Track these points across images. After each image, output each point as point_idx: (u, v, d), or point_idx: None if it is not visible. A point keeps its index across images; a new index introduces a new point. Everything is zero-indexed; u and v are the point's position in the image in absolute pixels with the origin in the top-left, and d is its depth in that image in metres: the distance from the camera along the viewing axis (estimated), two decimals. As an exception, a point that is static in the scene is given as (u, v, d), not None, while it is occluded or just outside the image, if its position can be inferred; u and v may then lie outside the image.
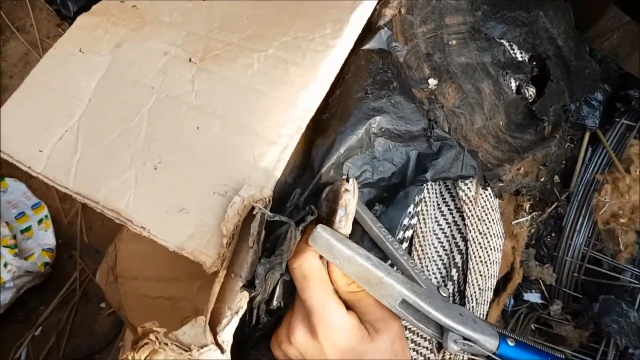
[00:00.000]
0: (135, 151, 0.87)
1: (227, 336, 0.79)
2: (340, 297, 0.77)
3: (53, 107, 0.91)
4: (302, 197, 0.85)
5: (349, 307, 0.77)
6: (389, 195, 0.85)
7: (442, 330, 0.74)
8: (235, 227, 0.81)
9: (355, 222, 0.80)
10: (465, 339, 0.73)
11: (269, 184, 0.82)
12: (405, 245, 0.91)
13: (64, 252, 2.02)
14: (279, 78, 0.87)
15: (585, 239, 1.18)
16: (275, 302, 0.82)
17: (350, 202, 0.74)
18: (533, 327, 1.15)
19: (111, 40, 0.94)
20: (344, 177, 0.76)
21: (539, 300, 1.20)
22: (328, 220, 0.77)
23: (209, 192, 0.83)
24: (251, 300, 0.80)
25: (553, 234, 1.21)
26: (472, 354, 0.76)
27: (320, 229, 0.74)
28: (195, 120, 0.87)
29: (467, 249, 0.93)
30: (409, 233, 0.90)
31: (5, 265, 1.85)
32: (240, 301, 0.80)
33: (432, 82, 0.93)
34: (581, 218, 1.18)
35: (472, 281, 0.92)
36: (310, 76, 0.86)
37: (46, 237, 2.00)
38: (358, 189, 0.75)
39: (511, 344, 0.74)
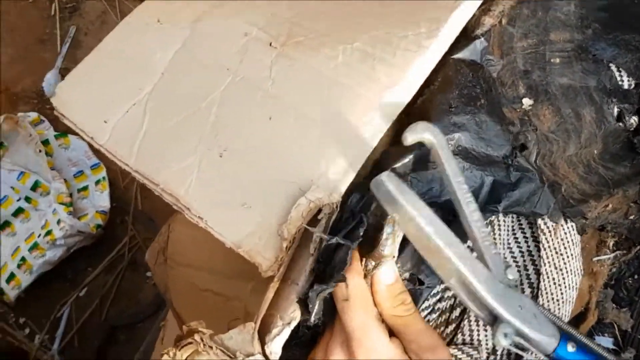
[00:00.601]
0: (202, 135, 0.82)
1: (276, 347, 0.74)
2: (384, 322, 0.71)
3: (123, 78, 0.87)
4: (358, 204, 0.78)
5: (393, 333, 0.71)
6: (454, 219, 0.78)
7: (495, 318, 0.66)
8: (297, 231, 0.76)
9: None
10: (518, 334, 0.65)
11: (339, 188, 0.76)
12: None
13: (117, 216, 2.01)
14: (364, 74, 0.80)
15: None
16: (313, 319, 0.76)
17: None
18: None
19: (191, 14, 0.89)
20: None
21: (611, 346, 1.11)
22: (374, 237, 0.71)
23: (274, 189, 0.77)
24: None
25: (636, 276, 1.12)
26: (520, 351, 0.68)
27: (385, 177, 0.67)
28: (269, 109, 0.81)
29: (538, 282, 0.85)
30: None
31: (59, 222, 1.85)
32: (294, 312, 0.75)
33: (527, 102, 0.85)
34: (668, 262, 1.08)
35: None
36: (399, 76, 0.79)
37: (101, 199, 1.99)
38: None
39: (572, 349, 0.66)
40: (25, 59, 2.12)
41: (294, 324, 0.74)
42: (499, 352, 0.86)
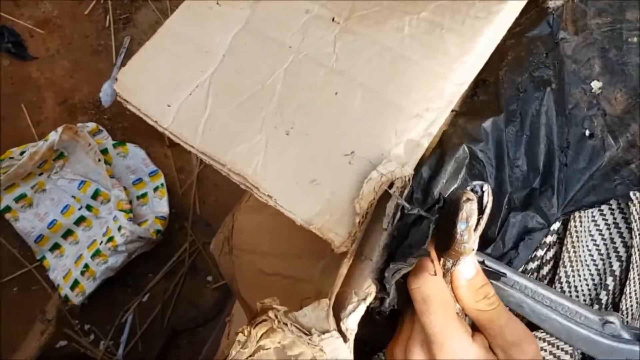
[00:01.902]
0: (267, 114, 0.80)
1: (351, 324, 0.71)
2: (467, 317, 0.69)
3: (185, 61, 0.86)
4: (429, 179, 0.76)
5: (477, 328, 0.68)
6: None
7: None
8: (370, 206, 0.73)
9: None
10: None
11: (412, 160, 0.73)
12: (554, 237, 0.80)
13: (175, 222, 2.02)
14: (432, 45, 0.78)
15: None
16: (387, 305, 0.74)
17: (473, 214, 0.63)
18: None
19: (251, -6, 0.88)
20: (468, 187, 0.66)
21: None
22: (448, 235, 0.67)
23: (343, 164, 0.75)
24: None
25: None
26: None
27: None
28: (334, 86, 0.79)
29: (628, 256, 0.80)
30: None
31: (120, 229, 1.87)
32: (369, 287, 0.72)
33: (596, 84, 0.81)
34: None
35: (629, 293, 0.79)
36: (469, 46, 0.76)
37: (160, 205, 2.01)
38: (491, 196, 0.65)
39: None
40: (82, 70, 2.17)
41: (369, 299, 0.72)
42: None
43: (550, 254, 0.83)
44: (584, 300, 0.81)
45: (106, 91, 2.11)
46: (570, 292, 0.81)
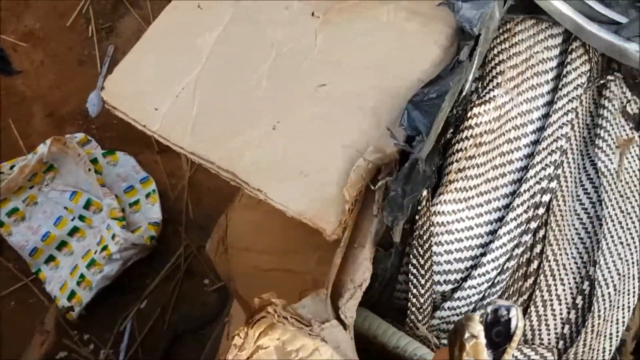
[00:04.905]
0: (254, 111, 0.81)
1: (350, 311, 0.72)
2: None
3: (170, 65, 0.87)
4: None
5: None
6: None
7: None
8: (359, 193, 0.74)
9: None
10: None
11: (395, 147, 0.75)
12: (541, 211, 0.81)
13: (169, 227, 2.02)
14: (411, 32, 0.80)
15: None
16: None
17: (481, 353, 0.53)
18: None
19: (230, -5, 0.89)
20: (490, 306, 0.55)
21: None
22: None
23: (330, 154, 0.76)
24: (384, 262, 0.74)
25: None
26: None
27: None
28: (317, 78, 0.80)
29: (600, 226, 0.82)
30: (546, 197, 0.81)
31: (114, 237, 1.87)
32: (365, 273, 0.74)
33: None
34: None
35: (605, 264, 0.80)
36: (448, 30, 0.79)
37: (153, 211, 2.00)
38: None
39: None
40: (68, 81, 2.16)
41: (365, 285, 0.73)
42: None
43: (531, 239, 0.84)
44: (573, 278, 0.82)
45: (93, 101, 2.11)
46: (558, 270, 0.82)
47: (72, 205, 2.01)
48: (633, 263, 0.81)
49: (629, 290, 0.81)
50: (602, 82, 0.86)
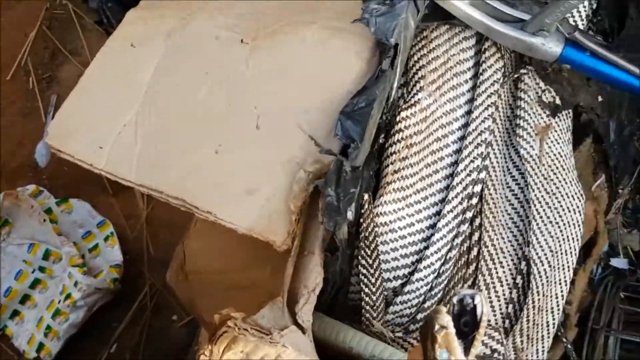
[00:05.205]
0: (195, 137, 0.85)
1: (306, 315, 0.76)
2: None
3: (110, 103, 0.90)
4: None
5: None
6: None
7: None
8: (303, 203, 0.79)
9: None
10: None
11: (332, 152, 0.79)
12: (474, 201, 0.86)
13: (132, 267, 2.02)
14: (336, 46, 0.85)
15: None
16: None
17: (452, 342, 0.54)
18: (623, 296, 1.09)
19: (161, 31, 0.93)
20: (455, 297, 0.57)
21: (627, 267, 1.13)
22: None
23: (272, 171, 0.80)
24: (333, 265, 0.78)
25: (638, 197, 1.15)
26: None
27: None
28: (252, 100, 0.85)
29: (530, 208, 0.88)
30: (477, 188, 0.86)
31: (76, 284, 1.87)
32: (317, 278, 0.78)
33: None
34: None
35: (538, 243, 0.86)
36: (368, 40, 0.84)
37: (113, 254, 2.01)
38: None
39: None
40: (14, 135, 2.16)
41: (318, 289, 0.77)
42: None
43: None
44: (511, 260, 0.87)
45: (40, 151, 2.11)
46: (497, 254, 0.87)
47: (31, 258, 2.00)
48: (564, 239, 0.87)
49: (563, 265, 0.87)
50: (516, 76, 0.93)
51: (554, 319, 0.86)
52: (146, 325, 1.96)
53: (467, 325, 0.56)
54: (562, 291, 0.87)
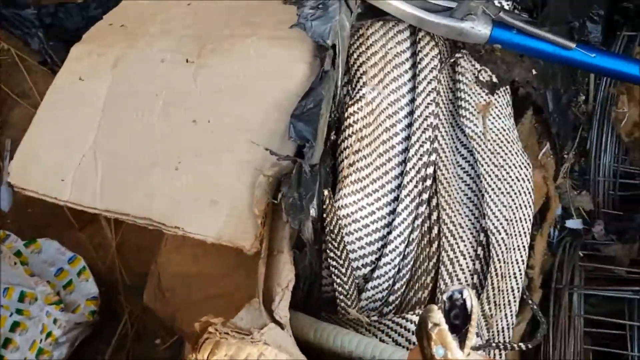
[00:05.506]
0: (154, 157, 0.88)
1: (283, 312, 0.79)
2: None
3: (66, 137, 0.93)
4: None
5: None
6: None
7: None
8: (267, 206, 0.82)
9: None
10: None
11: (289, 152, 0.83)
12: (428, 182, 0.91)
13: (108, 298, 2.03)
14: (278, 54, 0.89)
15: (612, 156, 1.17)
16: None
17: (446, 338, 0.57)
18: (581, 254, 1.14)
19: (108, 62, 0.95)
20: (445, 294, 0.60)
21: (581, 227, 1.19)
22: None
23: (233, 178, 0.83)
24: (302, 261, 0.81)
25: (582, 159, 1.21)
26: None
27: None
28: (204, 115, 0.88)
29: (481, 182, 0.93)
30: (430, 170, 0.91)
31: (55, 321, 1.87)
32: (288, 275, 0.81)
33: None
34: (604, 136, 1.17)
35: (492, 213, 0.90)
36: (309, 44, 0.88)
37: (88, 287, 2.00)
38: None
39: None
40: (-28, 183, 2.15)
41: (291, 285, 0.80)
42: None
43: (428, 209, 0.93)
44: (470, 233, 0.92)
45: (2, 196, 2.10)
46: (456, 229, 0.92)
47: (7, 302, 1.99)
48: (517, 207, 0.92)
49: (519, 232, 0.92)
50: (452, 60, 0.98)
51: (517, 284, 0.91)
52: (130, 352, 1.96)
53: (457, 318, 0.59)
54: (521, 256, 0.92)
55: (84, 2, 1.80)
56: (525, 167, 0.95)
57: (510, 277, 0.90)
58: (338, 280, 0.87)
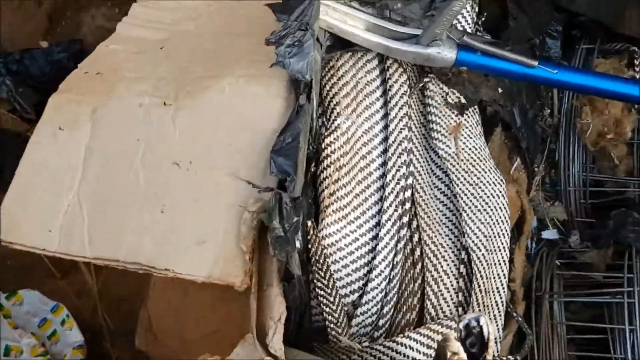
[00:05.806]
0: (139, 202, 0.89)
1: (277, 345, 0.81)
2: None
3: (50, 188, 0.93)
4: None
5: None
6: None
7: None
8: (254, 242, 0.84)
9: None
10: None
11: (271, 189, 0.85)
12: (407, 205, 0.94)
13: (94, 345, 2.01)
14: (254, 93, 0.91)
15: (581, 166, 1.21)
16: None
17: None
18: (558, 263, 1.17)
19: (86, 110, 0.97)
20: (461, 322, 0.63)
21: (557, 237, 1.23)
22: None
23: (218, 217, 0.85)
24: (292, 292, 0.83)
25: (553, 171, 1.25)
26: None
27: None
28: (185, 157, 0.90)
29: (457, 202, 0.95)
30: (408, 193, 0.93)
31: (42, 373, 1.85)
32: (280, 308, 0.83)
33: None
34: (571, 147, 1.21)
35: (471, 231, 0.93)
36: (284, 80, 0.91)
37: (73, 336, 1.99)
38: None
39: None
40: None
41: (283, 318, 0.82)
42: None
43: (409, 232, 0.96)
44: (452, 252, 0.95)
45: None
46: (438, 249, 0.94)
47: (-8, 357, 1.96)
48: (494, 223, 0.95)
49: (498, 247, 0.95)
50: (421, 85, 1.01)
51: (501, 298, 0.94)
52: (121, 399, 1.95)
53: (473, 345, 0.61)
54: (502, 271, 0.95)
55: (48, 48, 1.82)
56: (499, 183, 0.99)
57: (493, 291, 0.93)
58: (327, 309, 0.88)
